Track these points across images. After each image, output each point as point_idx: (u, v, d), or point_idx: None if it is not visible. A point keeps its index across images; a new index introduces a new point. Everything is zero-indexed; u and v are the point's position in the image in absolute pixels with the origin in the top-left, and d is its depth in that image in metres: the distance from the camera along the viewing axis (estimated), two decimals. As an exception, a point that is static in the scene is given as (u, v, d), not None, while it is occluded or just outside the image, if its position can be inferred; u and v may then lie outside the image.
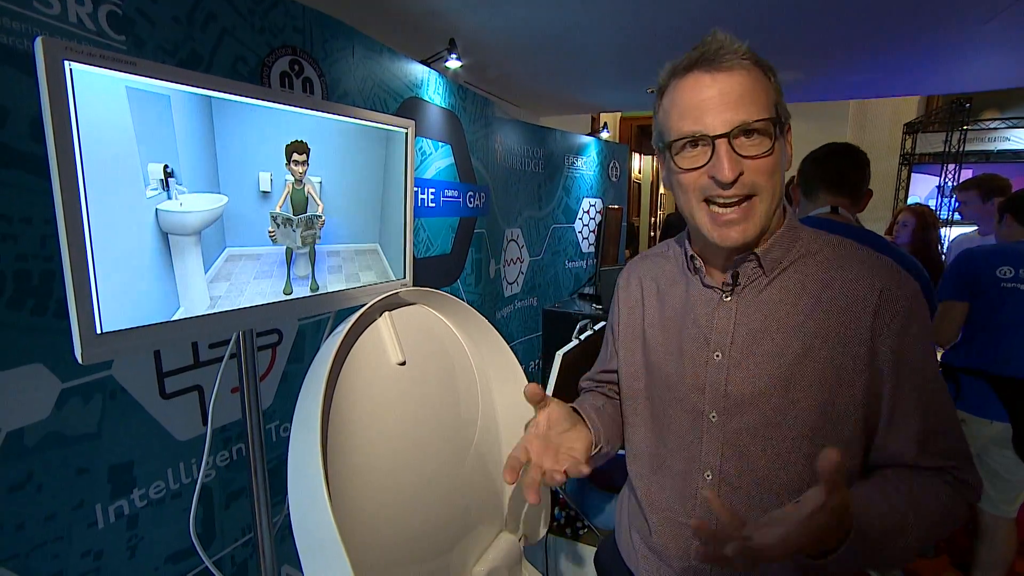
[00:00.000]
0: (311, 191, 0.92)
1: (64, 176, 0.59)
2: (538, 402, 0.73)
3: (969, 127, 5.61)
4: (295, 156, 0.88)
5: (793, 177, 1.53)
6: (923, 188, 6.06)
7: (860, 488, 0.63)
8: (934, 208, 5.68)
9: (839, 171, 1.40)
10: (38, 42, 0.55)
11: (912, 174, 5.99)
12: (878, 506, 0.59)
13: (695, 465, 0.73)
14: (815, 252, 0.70)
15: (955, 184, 5.20)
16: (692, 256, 0.74)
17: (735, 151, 0.62)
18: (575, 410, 0.80)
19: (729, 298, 0.71)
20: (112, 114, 0.64)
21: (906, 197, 6.04)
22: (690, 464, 0.73)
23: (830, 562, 0.55)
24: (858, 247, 0.71)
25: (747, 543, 0.50)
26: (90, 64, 0.60)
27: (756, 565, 0.50)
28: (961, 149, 5.61)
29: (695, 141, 0.64)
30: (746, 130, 0.62)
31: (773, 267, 0.69)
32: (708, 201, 0.65)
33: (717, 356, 0.70)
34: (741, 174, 0.62)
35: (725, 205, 0.64)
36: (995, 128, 5.62)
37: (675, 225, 3.75)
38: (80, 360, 0.63)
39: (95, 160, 0.62)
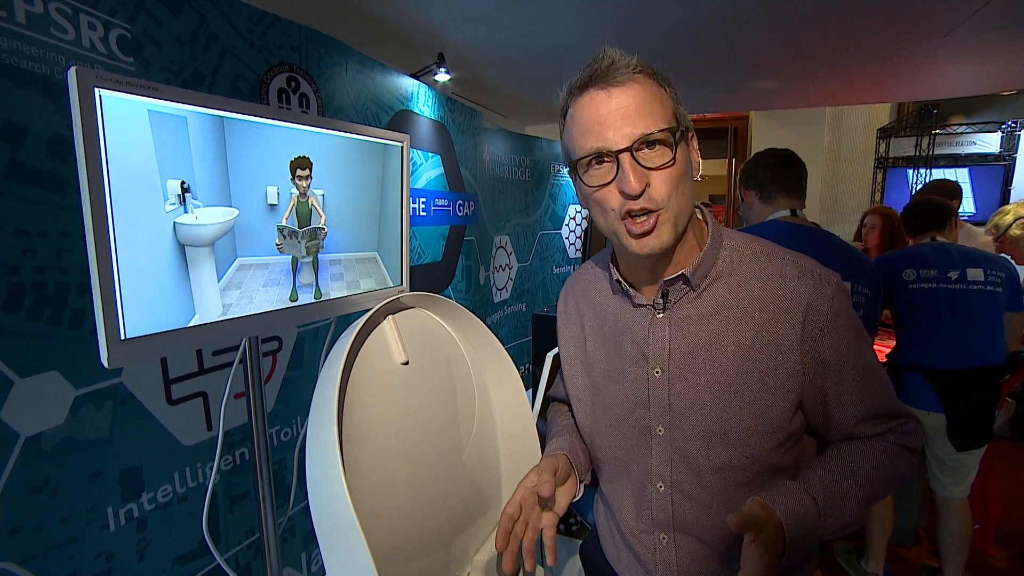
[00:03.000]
0: (314, 204, 0.98)
1: (93, 194, 0.64)
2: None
3: (938, 132, 5.83)
4: (299, 171, 0.94)
5: (744, 182, 1.64)
6: (902, 190, 6.25)
7: (799, 488, 0.67)
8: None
9: (794, 177, 1.52)
10: (71, 72, 0.60)
11: (892, 175, 6.19)
12: (811, 502, 0.65)
13: (647, 477, 0.75)
14: (739, 262, 0.72)
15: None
16: (618, 280, 0.75)
17: (639, 163, 0.63)
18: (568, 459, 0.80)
19: (661, 315, 0.72)
20: (135, 135, 0.69)
21: (882, 199, 6.23)
22: (643, 476, 0.76)
23: (786, 560, 0.62)
24: (780, 253, 0.73)
25: None
26: (117, 90, 0.65)
27: None
28: (931, 153, 5.83)
29: (600, 158, 0.64)
30: (647, 142, 0.62)
31: (700, 282, 0.71)
32: (628, 214, 0.65)
33: (657, 372, 0.72)
34: (648, 186, 0.63)
35: (638, 215, 0.65)
36: (962, 132, 5.84)
37: None
38: (106, 364, 0.68)
39: (120, 178, 0.67)
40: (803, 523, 0.64)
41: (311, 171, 0.96)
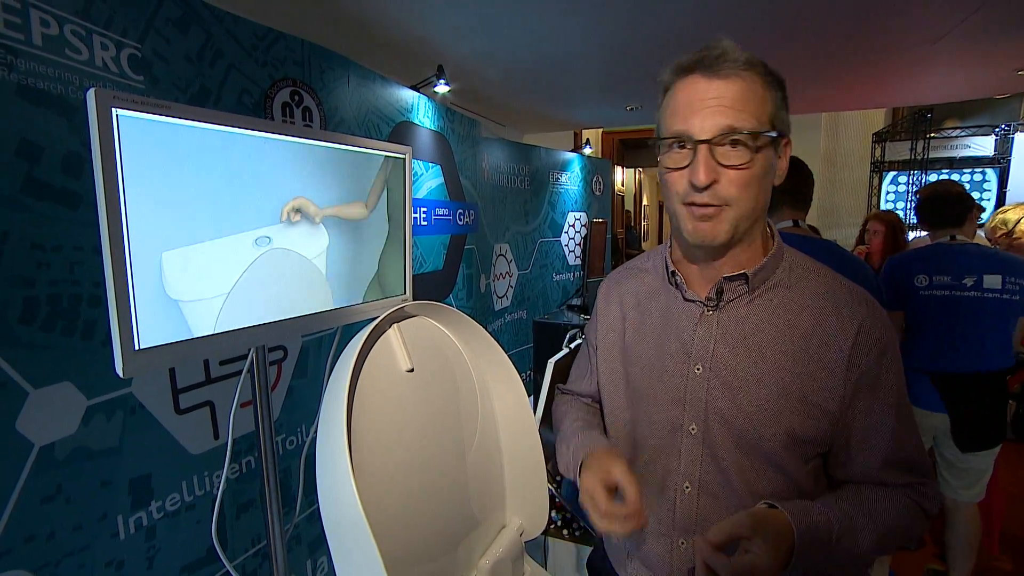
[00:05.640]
0: (320, 217, 1.00)
1: (110, 209, 0.66)
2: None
3: (932, 136, 5.89)
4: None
5: None
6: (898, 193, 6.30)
7: (815, 505, 0.66)
8: (903, 212, 5.92)
9: (798, 187, 1.50)
10: (90, 93, 0.63)
11: (894, 178, 6.24)
12: (826, 520, 0.64)
13: (673, 477, 0.74)
14: (799, 277, 0.72)
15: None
16: (672, 271, 0.75)
17: (715, 158, 0.63)
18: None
19: (711, 312, 0.72)
20: (149, 152, 0.71)
21: (878, 204, 6.28)
22: (667, 476, 0.75)
23: (791, 569, 0.61)
24: (839, 279, 0.73)
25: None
26: (133, 110, 0.67)
27: None
28: (926, 156, 5.88)
29: (681, 143, 0.64)
30: (731, 139, 0.62)
31: (757, 286, 0.70)
32: (686, 204, 0.67)
33: (698, 369, 0.72)
34: (716, 182, 0.63)
35: (701, 205, 0.65)
36: (956, 136, 5.90)
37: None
38: (121, 374, 0.70)
39: (135, 193, 0.69)
40: (815, 537, 0.62)
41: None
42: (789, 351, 0.68)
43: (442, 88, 2.58)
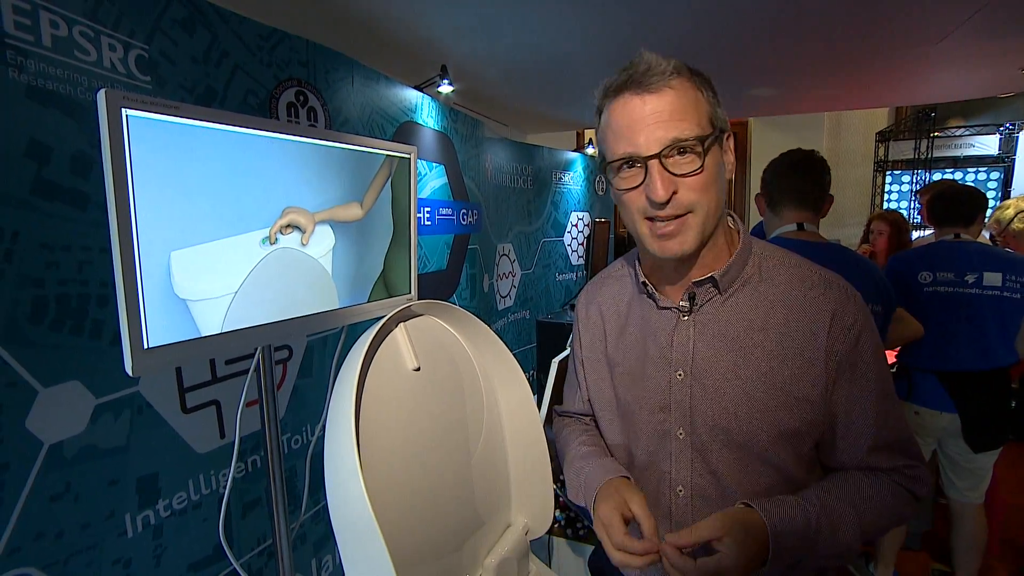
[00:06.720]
0: (326, 220, 1.00)
1: (120, 208, 0.66)
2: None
3: (936, 135, 5.87)
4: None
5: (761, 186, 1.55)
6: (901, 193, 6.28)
7: (793, 500, 0.66)
8: (907, 211, 5.90)
9: (801, 188, 1.42)
10: (101, 94, 0.63)
11: (897, 177, 6.23)
12: (804, 515, 0.64)
13: (666, 482, 0.75)
14: (767, 270, 0.72)
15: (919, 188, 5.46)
16: (644, 282, 0.75)
17: (667, 170, 0.63)
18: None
19: (687, 318, 0.72)
20: (158, 152, 0.71)
21: (882, 203, 6.26)
22: (661, 481, 0.76)
23: (769, 567, 0.62)
24: (809, 267, 0.73)
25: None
26: (143, 110, 0.68)
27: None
28: (930, 156, 5.86)
29: (630, 162, 0.65)
30: (678, 149, 0.63)
31: (728, 286, 0.71)
32: (649, 218, 0.67)
33: (680, 375, 0.72)
34: (675, 192, 0.64)
35: (663, 220, 0.66)
36: (960, 135, 5.88)
37: None
38: (130, 373, 0.70)
39: (144, 192, 0.70)
40: (792, 532, 0.63)
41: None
42: (768, 346, 0.69)
43: (446, 88, 2.59)
